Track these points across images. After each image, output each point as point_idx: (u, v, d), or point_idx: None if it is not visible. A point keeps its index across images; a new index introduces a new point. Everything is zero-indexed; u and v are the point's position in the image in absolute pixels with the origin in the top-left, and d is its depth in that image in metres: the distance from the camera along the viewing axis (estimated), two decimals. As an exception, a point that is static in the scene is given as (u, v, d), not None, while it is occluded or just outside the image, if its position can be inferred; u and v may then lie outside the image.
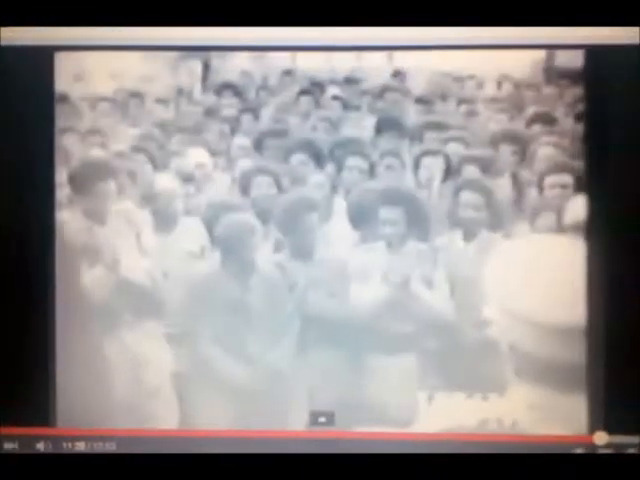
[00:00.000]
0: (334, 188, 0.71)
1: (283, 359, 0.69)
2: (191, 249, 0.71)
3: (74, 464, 0.67)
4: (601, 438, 0.66)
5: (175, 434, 0.69)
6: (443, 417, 0.68)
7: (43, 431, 0.69)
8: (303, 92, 0.71)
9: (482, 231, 0.70)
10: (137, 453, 0.68)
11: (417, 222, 0.70)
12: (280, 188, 0.72)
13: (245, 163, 0.72)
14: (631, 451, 0.66)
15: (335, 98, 0.71)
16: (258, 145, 0.72)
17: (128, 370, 0.70)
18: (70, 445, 0.69)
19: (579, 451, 0.67)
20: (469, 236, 0.70)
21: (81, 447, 0.69)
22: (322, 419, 0.69)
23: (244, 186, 0.72)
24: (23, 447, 0.68)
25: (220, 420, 0.70)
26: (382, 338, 0.69)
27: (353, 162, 0.71)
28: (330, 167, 0.71)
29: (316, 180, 0.71)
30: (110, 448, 0.69)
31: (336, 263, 0.70)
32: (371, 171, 0.71)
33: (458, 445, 0.67)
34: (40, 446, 0.68)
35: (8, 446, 0.68)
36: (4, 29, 0.68)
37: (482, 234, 0.70)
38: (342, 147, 0.71)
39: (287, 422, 0.69)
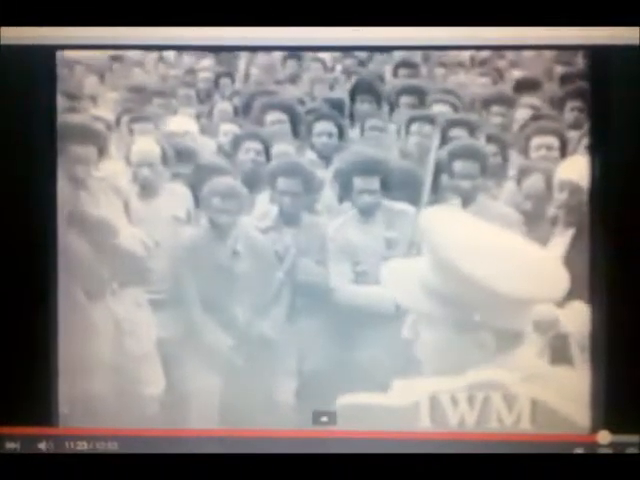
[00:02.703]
0: (321, 155, 0.71)
1: (272, 327, 0.70)
2: (177, 215, 0.71)
3: (76, 463, 0.67)
4: (605, 437, 0.66)
5: (177, 434, 0.69)
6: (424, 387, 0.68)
7: (45, 431, 0.68)
8: (288, 56, 0.71)
9: (478, 197, 0.70)
10: (139, 453, 0.68)
11: (401, 189, 0.70)
12: (267, 154, 0.72)
13: (229, 127, 0.72)
14: (631, 450, 0.66)
15: (316, 60, 0.71)
16: (241, 109, 0.72)
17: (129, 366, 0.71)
18: (72, 445, 0.69)
19: (581, 450, 0.67)
20: (467, 202, 0.70)
21: (83, 447, 0.69)
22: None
23: (229, 151, 0.71)
24: (25, 447, 0.68)
25: (207, 392, 0.70)
26: (369, 308, 0.69)
27: (329, 128, 0.71)
28: (314, 133, 0.71)
29: (302, 146, 0.72)
30: (112, 448, 0.69)
31: (323, 231, 0.71)
32: (353, 137, 0.71)
33: (458, 444, 0.67)
34: (42, 446, 0.68)
35: (10, 446, 0.68)
36: (4, 29, 0.67)
37: (477, 200, 0.70)
38: (326, 113, 0.71)
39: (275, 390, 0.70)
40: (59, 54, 0.68)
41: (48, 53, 0.68)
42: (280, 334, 0.70)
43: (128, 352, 0.71)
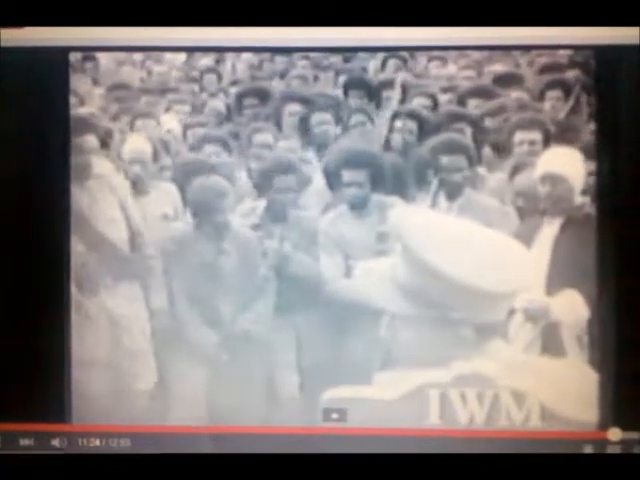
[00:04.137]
0: (307, 150, 0.72)
1: (258, 322, 0.70)
2: (165, 212, 0.72)
3: (88, 461, 0.68)
4: (615, 434, 0.66)
5: (191, 431, 0.69)
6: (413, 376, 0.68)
7: (58, 427, 0.69)
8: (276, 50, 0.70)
9: (465, 190, 0.70)
10: (152, 451, 0.68)
11: (382, 183, 0.70)
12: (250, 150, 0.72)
13: (216, 125, 0.72)
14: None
15: (305, 57, 0.71)
16: (230, 106, 0.72)
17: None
18: (85, 441, 0.69)
19: (592, 447, 0.66)
20: (451, 197, 0.70)
21: (96, 443, 0.69)
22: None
23: (215, 148, 0.72)
24: (38, 443, 0.69)
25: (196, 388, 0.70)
26: (359, 302, 0.69)
27: (324, 123, 0.71)
28: (304, 130, 0.72)
29: (290, 143, 0.72)
30: (125, 444, 0.69)
31: (312, 225, 0.71)
32: (342, 133, 0.71)
33: (467, 442, 0.67)
34: (55, 442, 0.69)
35: (24, 442, 0.69)
36: (14, 30, 0.68)
37: (464, 194, 0.70)
38: (314, 108, 0.71)
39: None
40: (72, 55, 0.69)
41: (61, 54, 0.69)
42: (274, 330, 0.70)
43: (125, 349, 0.71)
